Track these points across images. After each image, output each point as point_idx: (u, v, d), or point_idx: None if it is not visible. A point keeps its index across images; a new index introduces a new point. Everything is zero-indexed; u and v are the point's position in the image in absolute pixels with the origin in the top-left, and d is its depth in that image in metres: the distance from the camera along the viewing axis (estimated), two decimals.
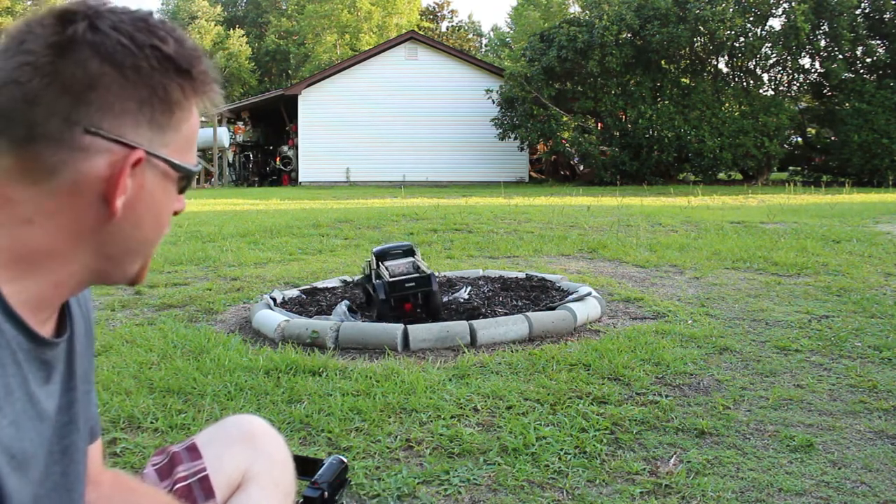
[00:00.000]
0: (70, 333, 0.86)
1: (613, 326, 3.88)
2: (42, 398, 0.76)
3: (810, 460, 2.27)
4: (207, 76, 0.78)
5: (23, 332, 0.73)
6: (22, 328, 0.73)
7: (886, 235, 7.29)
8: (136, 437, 2.45)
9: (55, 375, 0.80)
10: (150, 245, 0.82)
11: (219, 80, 0.81)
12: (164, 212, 0.81)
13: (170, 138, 0.77)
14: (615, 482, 2.15)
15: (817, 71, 21.53)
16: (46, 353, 0.77)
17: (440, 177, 22.62)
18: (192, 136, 0.80)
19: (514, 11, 44.72)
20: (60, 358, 0.82)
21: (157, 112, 0.74)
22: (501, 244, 6.94)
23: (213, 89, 0.80)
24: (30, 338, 0.74)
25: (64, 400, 0.83)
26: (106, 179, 0.72)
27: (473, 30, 54.98)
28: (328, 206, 12.15)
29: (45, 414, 0.77)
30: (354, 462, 2.25)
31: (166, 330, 3.82)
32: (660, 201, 12.28)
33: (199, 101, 0.78)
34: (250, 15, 52.47)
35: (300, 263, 6.06)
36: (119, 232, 0.76)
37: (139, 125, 0.73)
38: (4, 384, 0.69)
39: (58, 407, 0.80)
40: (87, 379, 0.93)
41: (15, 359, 0.71)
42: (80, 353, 0.89)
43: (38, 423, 0.75)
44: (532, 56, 20.85)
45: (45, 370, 0.77)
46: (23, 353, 0.73)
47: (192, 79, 0.76)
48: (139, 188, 0.75)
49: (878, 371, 3.11)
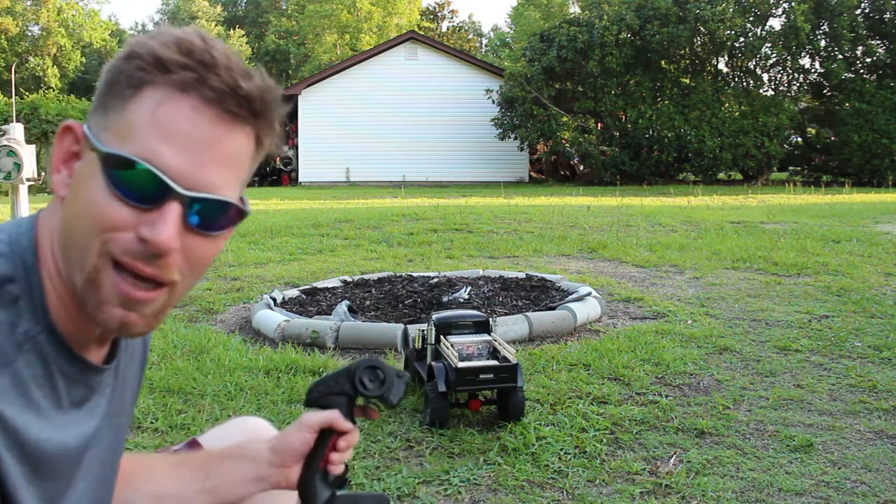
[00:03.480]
0: (124, 360, 0.87)
1: (613, 326, 3.88)
2: (78, 420, 0.77)
3: (810, 460, 2.27)
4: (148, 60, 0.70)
5: (66, 356, 0.74)
6: (65, 350, 0.74)
7: (886, 235, 7.29)
8: (136, 437, 2.45)
9: (94, 399, 0.80)
10: (76, 242, 0.71)
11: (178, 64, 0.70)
12: (88, 203, 0.70)
13: (111, 121, 0.71)
14: (615, 482, 2.15)
15: (817, 71, 21.52)
16: (90, 378, 0.78)
17: (440, 177, 22.61)
18: (137, 120, 0.69)
19: (514, 11, 44.70)
20: (108, 384, 0.83)
21: (107, 96, 0.72)
22: (501, 244, 6.94)
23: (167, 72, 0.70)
24: (72, 361, 0.75)
25: (108, 423, 0.84)
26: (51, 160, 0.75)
27: (473, 30, 54.97)
28: (328, 206, 12.14)
29: (83, 434, 0.77)
30: (354, 462, 2.25)
31: (166, 330, 3.81)
32: (660, 201, 12.27)
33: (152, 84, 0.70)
34: (250, 15, 52.47)
35: (300, 263, 6.06)
36: (62, 220, 0.73)
37: (95, 106, 0.74)
38: (37, 406, 0.70)
39: (97, 428, 0.81)
40: (133, 402, 0.95)
41: (51, 382, 0.72)
42: (130, 379, 0.91)
43: (72, 441, 0.76)
44: (532, 56, 20.84)
45: (87, 392, 0.78)
46: (63, 375, 0.74)
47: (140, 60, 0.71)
48: (76, 170, 0.73)
49: (878, 371, 3.11)
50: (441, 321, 2.80)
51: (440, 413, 2.55)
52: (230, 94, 0.70)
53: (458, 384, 2.53)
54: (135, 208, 0.69)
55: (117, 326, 0.73)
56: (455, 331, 2.79)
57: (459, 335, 2.77)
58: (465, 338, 2.74)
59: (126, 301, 0.71)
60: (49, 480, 0.73)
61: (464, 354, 2.65)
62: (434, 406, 2.55)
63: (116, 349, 0.84)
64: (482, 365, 2.58)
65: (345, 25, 40.79)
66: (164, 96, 0.70)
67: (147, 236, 0.69)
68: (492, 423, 2.59)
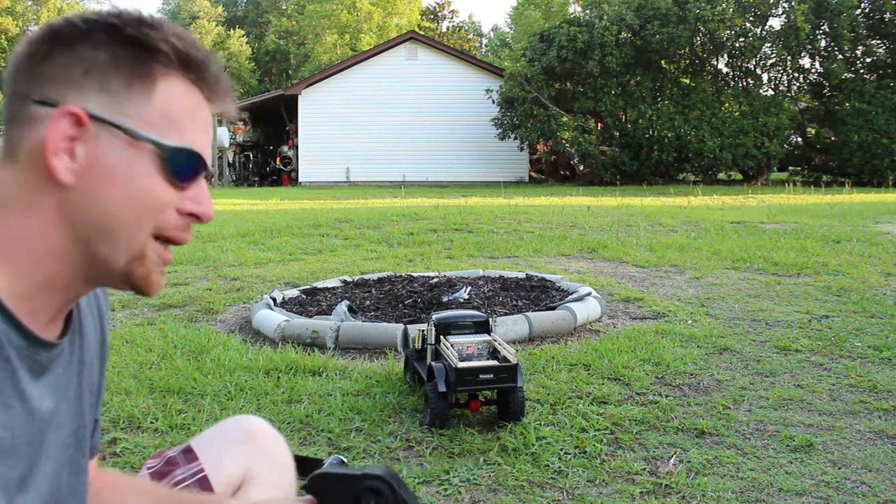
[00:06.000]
0: (79, 340, 0.86)
1: (613, 326, 3.88)
2: (34, 397, 0.75)
3: (810, 460, 2.27)
4: (174, 57, 0.76)
5: (14, 328, 0.73)
6: (12, 323, 0.73)
7: (886, 235, 7.29)
8: (136, 437, 2.45)
9: (49, 378, 0.79)
10: (124, 226, 0.75)
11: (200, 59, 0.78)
12: (136, 188, 0.75)
13: (131, 108, 0.74)
14: (615, 482, 2.15)
15: (817, 71, 21.53)
16: (41, 353, 0.77)
17: (440, 177, 22.62)
18: (175, 113, 0.77)
19: (515, 11, 44.70)
20: (62, 363, 0.81)
21: (108, 78, 0.74)
22: (501, 244, 6.94)
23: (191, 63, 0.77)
24: (21, 334, 0.74)
25: (67, 407, 0.83)
26: (45, 145, 0.73)
27: (473, 30, 55.00)
28: (328, 206, 12.15)
29: (37, 413, 0.76)
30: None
31: (166, 330, 3.81)
32: (660, 201, 12.27)
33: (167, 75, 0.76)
34: (250, 15, 52.49)
35: (300, 263, 6.06)
36: (78, 206, 0.74)
37: (83, 89, 0.74)
38: None
39: (55, 410, 0.79)
40: (95, 390, 0.92)
41: (3, 354, 0.71)
42: (89, 363, 0.89)
43: (27, 420, 0.74)
44: (532, 56, 20.85)
45: (38, 370, 0.77)
46: (13, 349, 0.72)
47: (148, 48, 0.75)
48: (93, 156, 0.74)
49: (878, 371, 3.11)
50: (441, 321, 2.79)
51: (440, 413, 2.53)
52: (222, 91, 0.82)
53: (458, 384, 2.52)
54: (178, 188, 0.78)
55: (158, 288, 0.81)
56: (455, 331, 2.78)
57: (459, 335, 2.75)
58: (465, 338, 2.73)
59: (163, 265, 0.81)
60: (4, 458, 0.71)
61: (464, 354, 2.64)
62: (434, 406, 2.53)
63: (67, 329, 0.83)
64: (482, 365, 2.57)
65: (345, 25, 40.80)
66: (195, 95, 0.79)
67: (197, 210, 0.80)
68: (492, 423, 2.59)
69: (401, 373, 3.06)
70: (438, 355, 2.70)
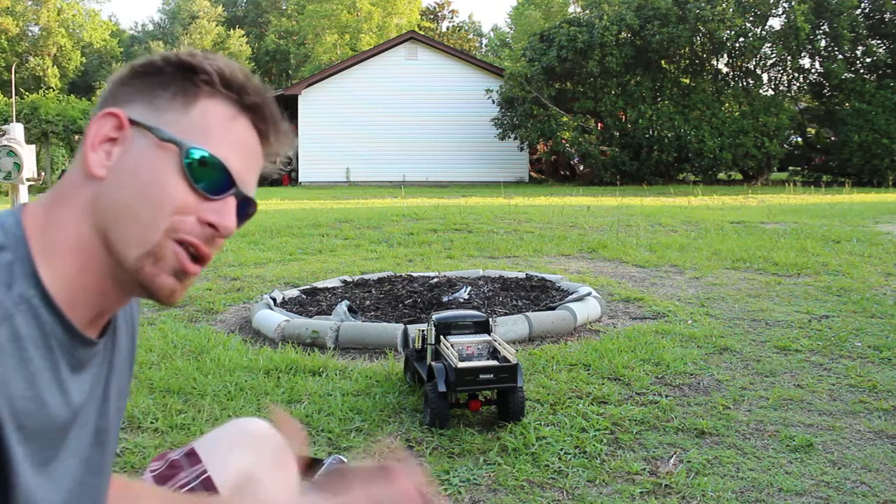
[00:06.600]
0: (113, 345, 0.90)
1: (613, 326, 3.88)
2: (71, 390, 0.79)
3: (810, 460, 2.27)
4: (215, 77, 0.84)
5: (58, 321, 0.77)
6: (58, 317, 0.77)
7: (886, 235, 7.29)
8: (137, 437, 2.45)
9: (84, 374, 0.82)
10: (137, 219, 0.78)
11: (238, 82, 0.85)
12: (152, 184, 0.79)
13: (169, 118, 0.81)
14: (615, 482, 2.15)
15: (817, 71, 21.52)
16: (80, 350, 0.80)
17: (440, 177, 22.60)
18: (210, 126, 0.82)
19: (515, 11, 44.69)
20: (96, 363, 0.85)
21: (157, 97, 0.82)
22: (501, 244, 6.94)
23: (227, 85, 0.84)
24: (65, 328, 0.78)
25: (94, 406, 0.85)
26: (85, 139, 0.81)
27: (473, 30, 54.96)
28: (328, 206, 12.15)
29: (70, 406, 0.79)
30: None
31: (166, 330, 3.82)
32: (660, 201, 12.27)
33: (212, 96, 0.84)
34: (250, 15, 52.47)
35: (300, 263, 6.06)
36: (103, 197, 0.79)
37: (133, 102, 0.82)
38: (32, 364, 0.73)
39: (83, 405, 0.82)
40: (121, 396, 0.95)
41: (47, 343, 0.75)
42: (119, 369, 0.92)
43: (61, 411, 0.77)
44: (532, 56, 20.84)
45: (76, 365, 0.80)
46: (56, 341, 0.76)
47: (194, 73, 0.83)
48: (125, 152, 0.80)
49: (878, 371, 3.11)
50: (441, 321, 2.79)
51: (440, 413, 2.53)
52: (272, 126, 0.88)
53: (458, 384, 2.52)
54: (201, 196, 0.81)
55: (167, 294, 0.82)
56: (455, 331, 2.78)
57: (459, 335, 2.75)
58: (464, 338, 2.73)
59: (180, 273, 0.82)
60: (32, 441, 0.74)
61: (464, 354, 2.64)
62: (434, 406, 2.53)
63: (106, 331, 0.87)
64: (482, 365, 2.57)
65: (345, 25, 40.78)
66: (232, 112, 0.84)
67: (216, 222, 0.81)
68: (492, 423, 2.59)
69: (401, 373, 3.06)
70: (438, 355, 2.70)
